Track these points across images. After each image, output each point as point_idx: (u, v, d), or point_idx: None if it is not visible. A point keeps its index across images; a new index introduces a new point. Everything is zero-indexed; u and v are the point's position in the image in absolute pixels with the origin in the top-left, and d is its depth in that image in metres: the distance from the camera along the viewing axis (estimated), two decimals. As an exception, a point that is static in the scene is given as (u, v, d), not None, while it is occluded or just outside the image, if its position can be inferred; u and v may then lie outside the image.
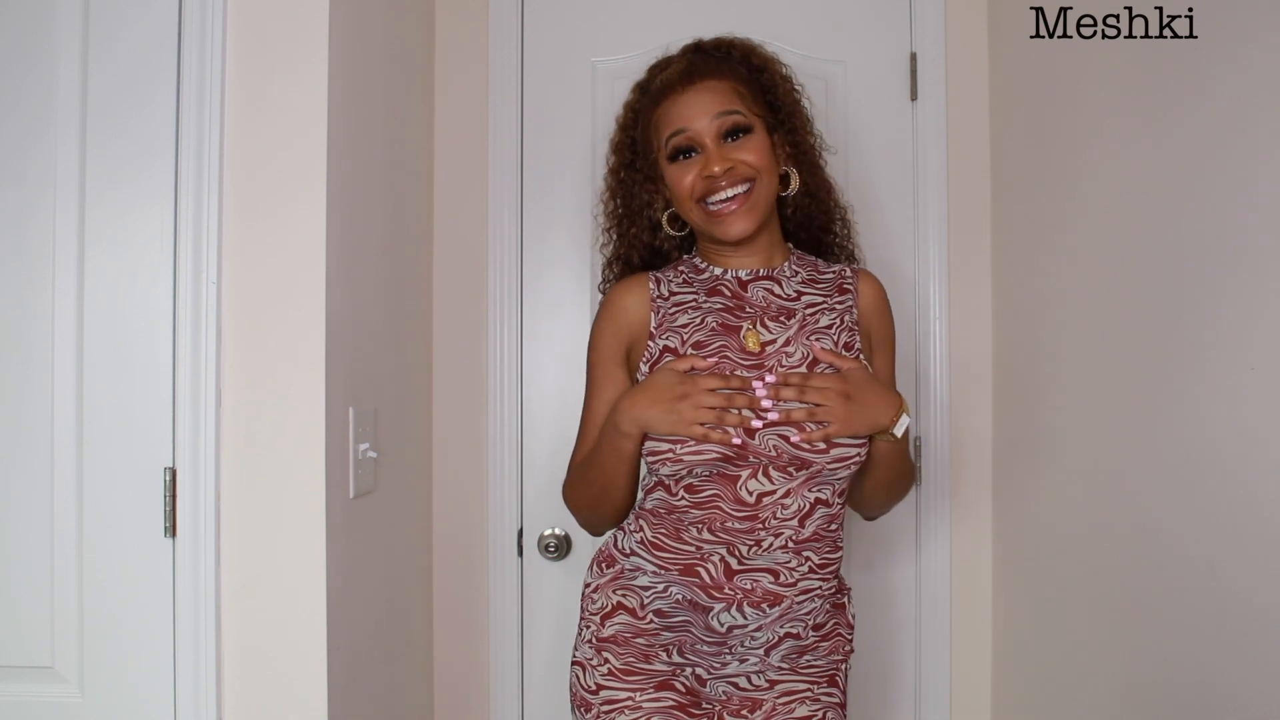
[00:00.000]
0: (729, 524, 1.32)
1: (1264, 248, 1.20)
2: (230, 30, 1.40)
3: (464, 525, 2.02)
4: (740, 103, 1.37)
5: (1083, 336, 1.64)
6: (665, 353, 1.38)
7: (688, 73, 1.39)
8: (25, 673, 1.39)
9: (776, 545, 1.33)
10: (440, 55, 2.03)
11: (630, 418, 1.31)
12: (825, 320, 1.40)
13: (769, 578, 1.33)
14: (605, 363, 1.43)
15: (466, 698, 2.02)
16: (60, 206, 1.38)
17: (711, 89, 1.37)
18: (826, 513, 1.35)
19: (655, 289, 1.43)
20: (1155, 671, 1.44)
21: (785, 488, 1.32)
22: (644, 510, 1.41)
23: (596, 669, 1.40)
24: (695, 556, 1.34)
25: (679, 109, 1.37)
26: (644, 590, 1.39)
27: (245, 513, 1.40)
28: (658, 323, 1.41)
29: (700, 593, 1.34)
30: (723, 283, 1.42)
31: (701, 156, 1.36)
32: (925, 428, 2.02)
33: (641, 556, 1.39)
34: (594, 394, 1.44)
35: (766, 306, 1.40)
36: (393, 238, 1.75)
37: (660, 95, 1.40)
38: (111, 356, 1.38)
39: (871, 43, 2.03)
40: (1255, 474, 1.22)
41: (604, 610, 1.42)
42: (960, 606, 2.02)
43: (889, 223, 2.03)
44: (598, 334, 1.45)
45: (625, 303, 1.43)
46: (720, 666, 1.39)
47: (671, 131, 1.38)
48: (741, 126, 1.36)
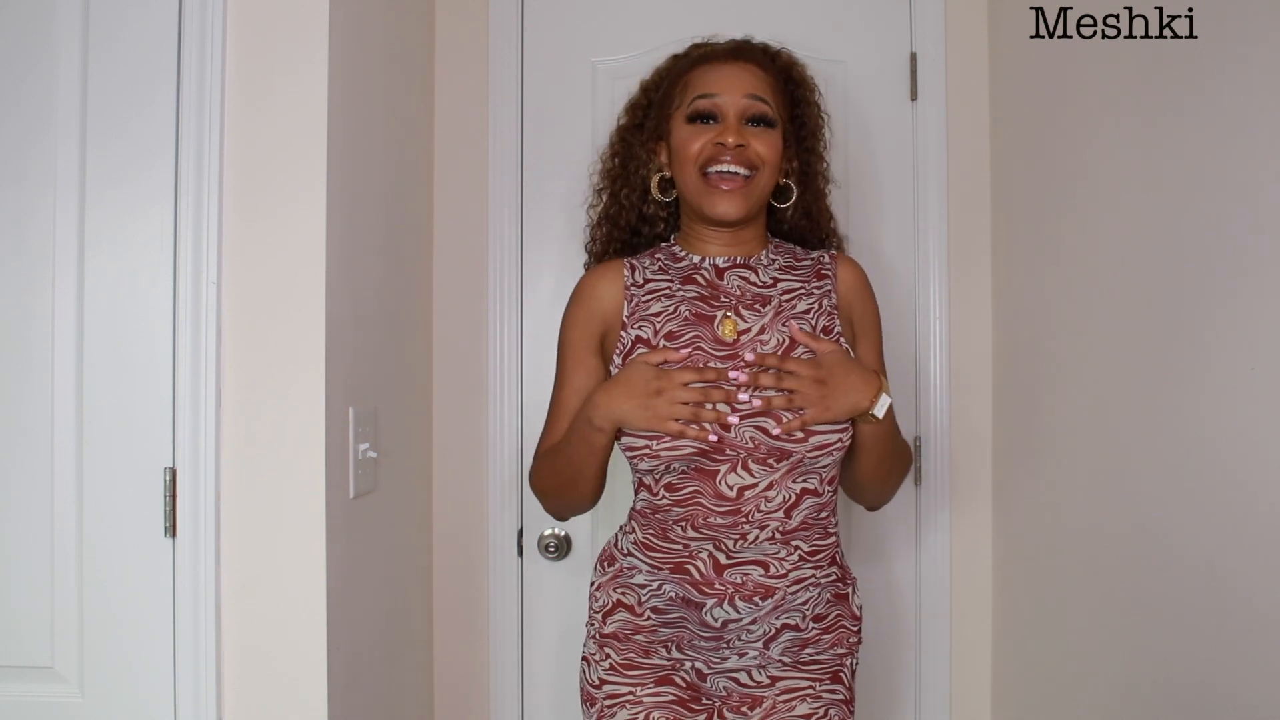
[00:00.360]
0: (711, 519, 1.32)
1: (1264, 248, 1.20)
2: (230, 30, 1.40)
3: (464, 525, 2.02)
4: (771, 97, 1.39)
5: (1083, 336, 1.64)
6: (638, 343, 1.37)
7: (734, 50, 1.42)
8: (25, 673, 1.39)
9: (763, 538, 1.32)
10: (440, 55, 2.03)
11: (604, 413, 1.30)
12: (802, 305, 1.39)
13: (759, 570, 1.33)
14: (576, 350, 1.42)
15: (466, 698, 2.02)
16: (60, 206, 1.38)
17: (751, 71, 1.39)
18: (816, 502, 1.34)
19: (629, 276, 1.43)
20: (1155, 670, 1.44)
21: (767, 480, 1.31)
22: (635, 511, 1.41)
23: (599, 664, 1.41)
24: (684, 554, 1.34)
25: (715, 75, 1.38)
26: (640, 588, 1.39)
27: (245, 513, 1.40)
28: (630, 311, 1.40)
29: (692, 589, 1.34)
30: (699, 270, 1.41)
31: (719, 126, 1.36)
32: (925, 428, 2.02)
33: (636, 557, 1.40)
34: (564, 381, 1.43)
35: (742, 295, 1.39)
36: (393, 238, 1.75)
37: (699, 60, 1.42)
38: (111, 356, 1.38)
39: (871, 43, 2.04)
40: (1255, 474, 1.22)
41: (605, 608, 1.43)
42: (960, 606, 2.02)
43: (889, 223, 2.03)
44: (569, 320, 1.44)
45: (598, 290, 1.43)
46: (720, 661, 1.38)
47: (701, 93, 1.38)
48: (766, 118, 1.37)
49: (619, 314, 1.41)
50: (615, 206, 1.49)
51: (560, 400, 1.44)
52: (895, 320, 2.01)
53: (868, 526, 2.03)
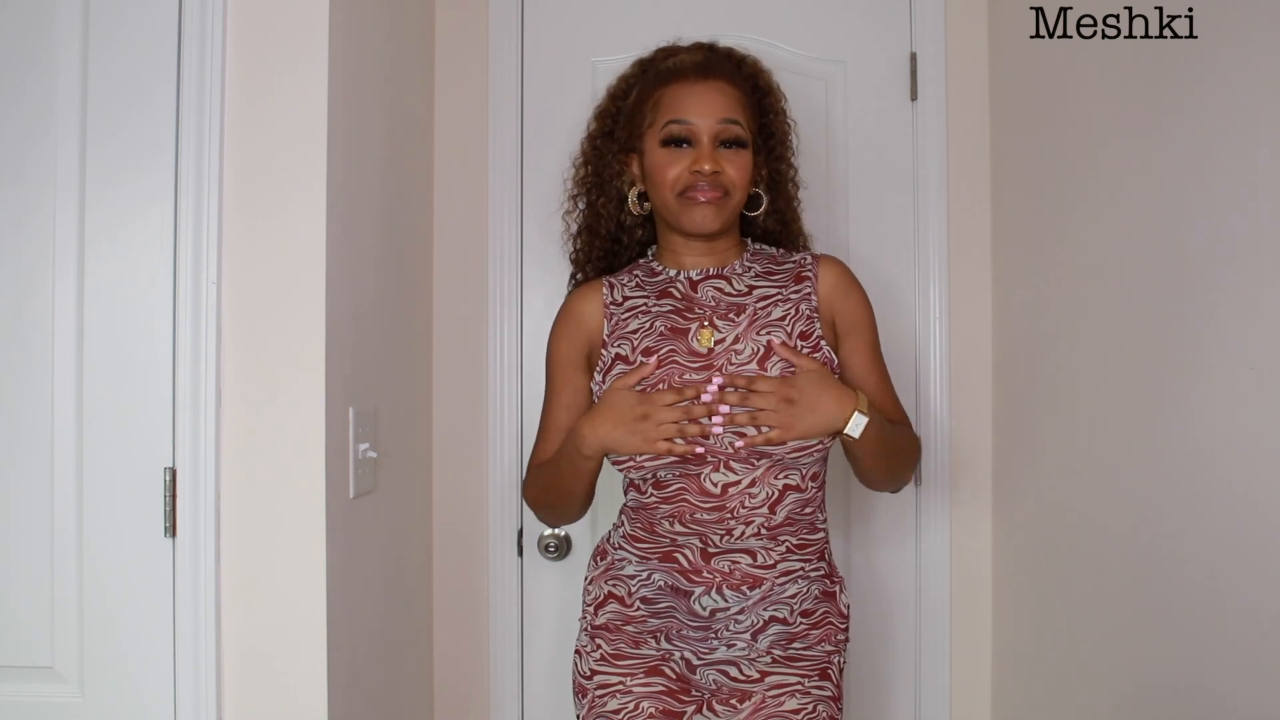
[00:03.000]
0: (698, 515, 1.35)
1: (1264, 248, 1.20)
2: (230, 30, 1.40)
3: (464, 525, 2.02)
4: (742, 115, 1.39)
5: (1083, 336, 1.64)
6: (617, 360, 1.41)
7: (703, 67, 1.40)
8: (25, 673, 1.39)
9: (749, 533, 1.35)
10: (440, 55, 2.03)
11: (591, 443, 1.35)
12: (778, 312, 1.40)
13: (748, 559, 1.36)
14: (562, 368, 1.47)
15: (466, 698, 2.02)
16: (60, 206, 1.38)
17: (722, 91, 1.39)
18: (799, 498, 1.36)
19: (609, 295, 1.46)
20: (1154, 669, 1.44)
21: (750, 477, 1.34)
22: (625, 508, 1.47)
23: (590, 655, 1.44)
24: (671, 546, 1.38)
25: (688, 98, 1.38)
26: (630, 579, 1.43)
27: (245, 513, 1.40)
28: (610, 329, 1.44)
29: (680, 577, 1.38)
30: (674, 284, 1.45)
31: (693, 150, 1.37)
32: (925, 428, 2.02)
33: (625, 549, 1.44)
34: (552, 398, 1.48)
35: (716, 305, 1.41)
36: (393, 238, 1.75)
37: (670, 77, 1.41)
38: (111, 357, 1.38)
39: (871, 43, 2.03)
40: (1255, 474, 1.22)
41: (597, 600, 1.46)
42: (960, 606, 2.02)
43: (888, 223, 2.03)
44: (555, 339, 1.49)
45: (580, 309, 1.47)
46: (708, 652, 1.40)
47: (674, 118, 1.38)
48: (739, 140, 1.38)
49: (600, 332, 1.45)
50: (593, 216, 1.50)
51: (549, 415, 1.48)
52: (895, 320, 2.01)
53: (868, 526, 2.03)
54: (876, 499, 2.01)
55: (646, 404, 1.33)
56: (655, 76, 1.43)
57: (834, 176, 2.01)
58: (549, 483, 1.46)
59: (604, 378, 1.41)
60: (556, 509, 1.49)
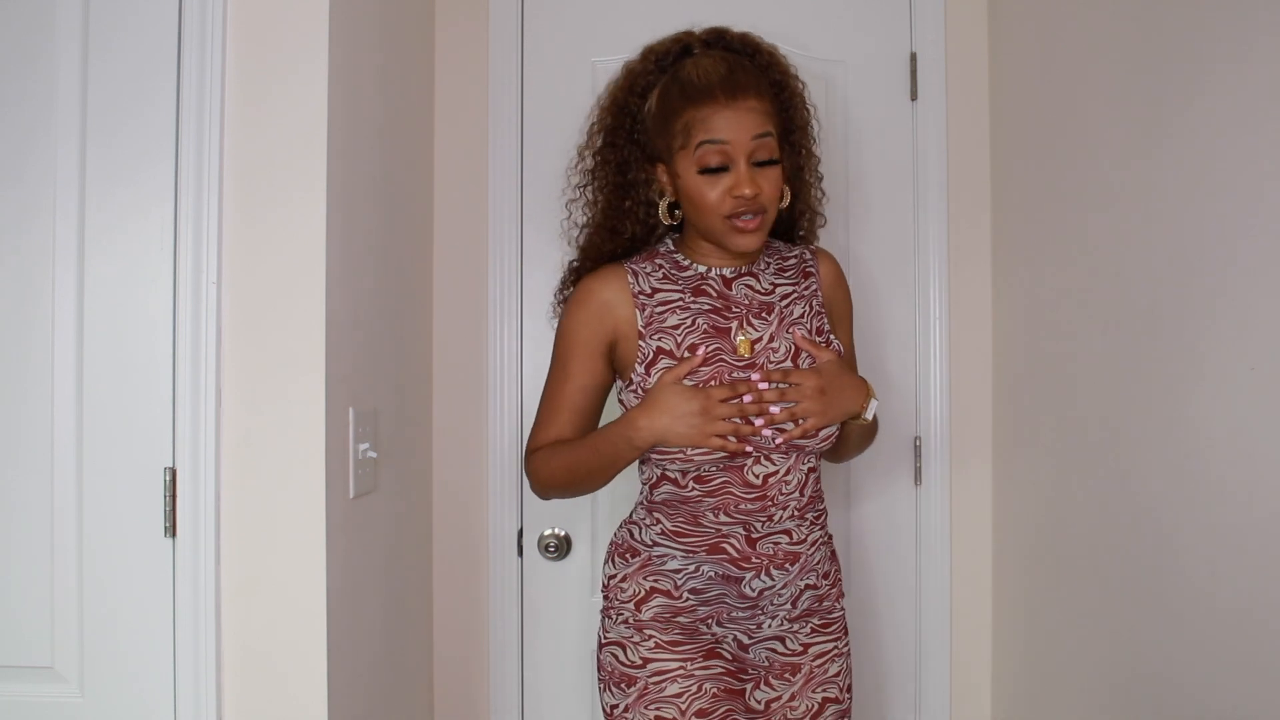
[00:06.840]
0: (742, 506, 1.41)
1: (1264, 248, 1.20)
2: (230, 30, 1.40)
3: (464, 525, 2.02)
4: (771, 122, 1.39)
5: (1083, 335, 1.64)
6: (660, 354, 1.42)
7: (730, 85, 1.37)
8: (25, 673, 1.39)
9: (785, 516, 1.43)
10: (440, 55, 2.03)
11: (647, 435, 1.37)
12: (798, 310, 1.47)
13: (786, 539, 1.44)
14: (580, 351, 1.46)
15: (466, 698, 2.02)
16: (60, 207, 1.38)
17: (752, 109, 1.37)
18: (815, 476, 1.49)
19: (635, 283, 1.45)
20: (1153, 667, 1.44)
21: (785, 466, 1.42)
22: (655, 504, 1.47)
23: (639, 645, 1.45)
24: (717, 536, 1.43)
25: (722, 122, 1.36)
26: (675, 573, 1.45)
27: (245, 513, 1.40)
28: (645, 321, 1.43)
29: (731, 565, 1.43)
30: (708, 281, 1.46)
31: (731, 174, 1.36)
32: (925, 426, 2.02)
33: (666, 545, 1.45)
34: (564, 378, 1.47)
35: (750, 304, 1.45)
36: (393, 238, 1.75)
37: (699, 97, 1.37)
38: (111, 357, 1.38)
39: (871, 43, 2.03)
40: (1254, 473, 1.22)
41: (637, 596, 1.46)
42: (960, 605, 2.02)
43: (889, 223, 2.03)
44: (574, 322, 1.46)
45: (605, 296, 1.45)
46: (756, 629, 1.47)
47: (708, 139, 1.36)
48: (771, 158, 1.38)
49: (632, 323, 1.44)
50: (615, 217, 1.48)
51: (561, 394, 1.47)
52: (895, 320, 2.01)
53: (868, 527, 2.03)
54: (877, 498, 2.02)
55: (702, 399, 1.36)
56: (680, 92, 1.39)
57: (834, 176, 2.00)
58: (575, 465, 1.45)
59: (647, 370, 1.41)
60: (573, 491, 1.51)
